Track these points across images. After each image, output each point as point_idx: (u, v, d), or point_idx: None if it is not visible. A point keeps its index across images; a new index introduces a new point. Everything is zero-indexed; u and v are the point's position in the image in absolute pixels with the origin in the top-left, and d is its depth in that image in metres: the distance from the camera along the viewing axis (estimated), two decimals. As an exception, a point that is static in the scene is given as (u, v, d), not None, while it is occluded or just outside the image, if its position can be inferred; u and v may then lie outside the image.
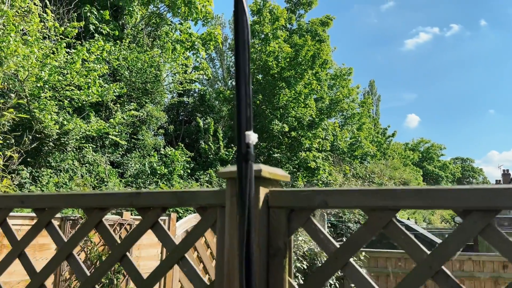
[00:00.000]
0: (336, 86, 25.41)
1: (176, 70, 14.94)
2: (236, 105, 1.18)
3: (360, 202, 1.32)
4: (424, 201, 1.21)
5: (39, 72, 8.51)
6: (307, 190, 1.40)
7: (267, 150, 18.84)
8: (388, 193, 1.27)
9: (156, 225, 1.60)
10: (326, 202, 1.36)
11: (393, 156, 33.96)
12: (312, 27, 22.15)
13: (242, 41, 1.18)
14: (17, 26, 8.51)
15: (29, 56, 8.17)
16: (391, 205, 1.26)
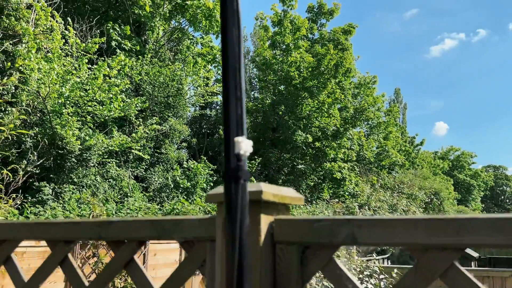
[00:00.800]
0: (361, 95, 24.92)
1: (198, 83, 14.91)
2: (223, 103, 0.84)
3: (407, 238, 0.95)
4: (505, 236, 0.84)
5: (60, 88, 8.55)
6: (328, 219, 1.03)
7: (291, 162, 18.49)
8: (450, 224, 0.90)
9: (130, 264, 1.28)
10: (355, 236, 0.99)
11: (422, 165, 32.89)
12: (334, 36, 21.84)
13: (231, 11, 0.87)
14: (38, 43, 8.61)
15: (50, 72, 8.22)
16: (454, 242, 0.89)
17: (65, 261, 1.44)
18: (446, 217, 0.92)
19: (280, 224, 1.09)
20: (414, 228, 0.94)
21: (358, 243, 0.99)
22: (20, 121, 10.70)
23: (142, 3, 14.89)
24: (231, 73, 0.83)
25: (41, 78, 8.30)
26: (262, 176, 17.66)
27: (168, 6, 16.92)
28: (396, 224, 0.96)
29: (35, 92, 8.72)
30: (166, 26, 17.38)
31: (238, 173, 0.79)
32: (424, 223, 0.93)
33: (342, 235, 1.00)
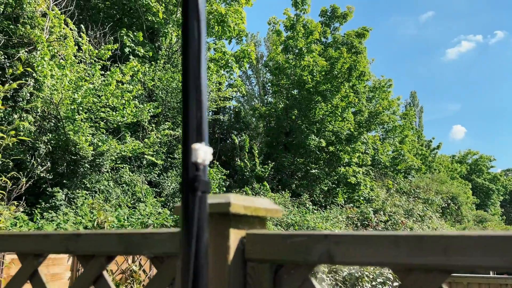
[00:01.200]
0: (376, 99, 24.63)
1: (210, 88, 14.93)
2: (183, 106, 0.76)
3: (388, 257, 0.84)
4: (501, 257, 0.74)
5: (73, 94, 8.64)
6: (304, 234, 0.93)
7: (304, 166, 18.34)
8: (435, 242, 0.79)
9: (100, 280, 1.21)
10: (331, 254, 0.89)
11: (439, 169, 32.27)
12: (348, 39, 21.66)
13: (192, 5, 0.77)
14: (51, 50, 8.73)
15: (62, 79, 8.32)
16: (441, 263, 0.79)
17: (35, 276, 1.37)
18: (431, 234, 0.82)
19: (252, 239, 0.99)
20: (396, 246, 0.83)
21: (335, 262, 0.89)
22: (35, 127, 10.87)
23: (155, 10, 15.04)
24: (191, 74, 0.75)
25: (54, 85, 8.41)
26: (275, 181, 17.55)
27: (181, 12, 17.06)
28: (375, 241, 0.85)
29: (48, 98, 8.84)
30: (179, 32, 17.50)
31: (195, 184, 0.71)
32: (407, 241, 0.83)
33: (317, 253, 0.90)
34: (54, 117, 10.23)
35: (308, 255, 0.92)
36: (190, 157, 0.70)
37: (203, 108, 0.75)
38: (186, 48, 0.75)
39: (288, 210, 13.96)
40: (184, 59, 0.75)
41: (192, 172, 0.70)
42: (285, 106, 19.62)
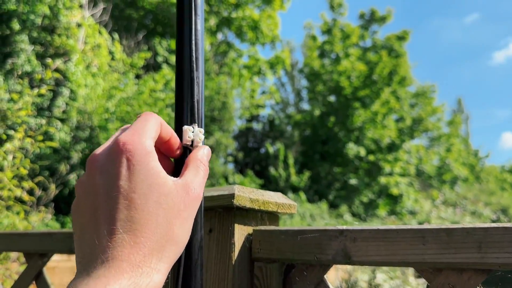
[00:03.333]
0: (419, 105, 23.48)
1: (244, 95, 14.63)
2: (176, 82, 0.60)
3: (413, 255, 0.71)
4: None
5: (106, 103, 8.53)
6: (316, 229, 0.80)
7: (343, 176, 17.57)
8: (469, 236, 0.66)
9: None
10: (347, 253, 0.77)
11: (488, 179, 30.36)
12: (388, 42, 20.78)
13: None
14: (85, 60, 8.68)
15: (96, 88, 8.22)
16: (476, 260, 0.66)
17: (40, 277, 1.37)
18: (464, 227, 0.68)
19: (259, 236, 0.89)
20: (422, 243, 0.71)
21: (352, 262, 0.76)
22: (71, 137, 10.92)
23: (189, 18, 14.99)
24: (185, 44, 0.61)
25: (88, 94, 8.33)
26: (311, 191, 16.90)
27: (214, 20, 16.94)
28: (398, 236, 0.73)
29: (82, 107, 8.78)
30: (213, 40, 17.39)
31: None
32: (435, 235, 0.70)
33: (332, 251, 0.79)
34: (89, 126, 10.22)
35: (322, 253, 0.81)
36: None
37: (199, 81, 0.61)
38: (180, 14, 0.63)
39: (325, 221, 13.33)
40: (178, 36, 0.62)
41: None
42: (321, 113, 18.98)
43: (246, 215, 0.90)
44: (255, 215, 0.92)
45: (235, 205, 0.85)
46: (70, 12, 11.84)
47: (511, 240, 0.64)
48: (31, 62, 10.95)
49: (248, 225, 0.91)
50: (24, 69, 10.90)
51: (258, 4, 16.84)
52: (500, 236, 0.65)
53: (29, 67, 10.91)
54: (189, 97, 0.58)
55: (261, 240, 0.88)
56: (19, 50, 11.01)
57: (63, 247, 1.25)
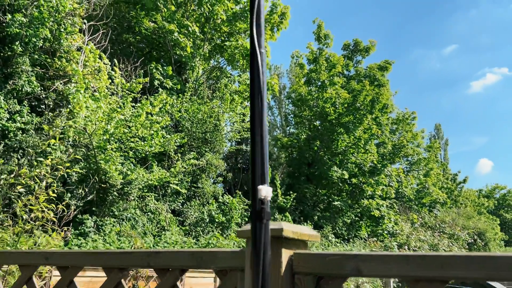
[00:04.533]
0: (399, 131, 24.50)
1: (235, 119, 15.26)
2: (251, 158, 1.09)
3: (402, 271, 1.15)
4: (480, 271, 1.05)
5: (106, 125, 9.02)
6: (337, 254, 1.24)
7: (327, 198, 18.21)
8: (434, 260, 1.10)
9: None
10: (359, 269, 1.20)
11: (465, 203, 31.38)
12: (370, 72, 21.87)
13: (257, 87, 1.07)
14: (87, 83, 9.20)
15: (97, 110, 8.73)
16: (439, 275, 1.09)
17: (119, 287, 1.66)
18: (432, 254, 1.12)
19: (298, 257, 1.30)
20: (407, 263, 1.13)
21: (363, 275, 1.19)
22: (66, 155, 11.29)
23: (184, 45, 15.65)
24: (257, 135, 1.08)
25: (88, 116, 8.81)
26: (297, 212, 17.45)
27: (208, 47, 17.68)
28: (392, 259, 1.17)
29: (82, 129, 9.24)
30: (206, 65, 18.09)
31: (262, 215, 1.01)
32: (414, 259, 1.13)
33: (349, 268, 1.20)
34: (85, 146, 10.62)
35: (342, 269, 1.21)
36: (257, 195, 1.01)
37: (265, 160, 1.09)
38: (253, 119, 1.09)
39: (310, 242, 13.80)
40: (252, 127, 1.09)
41: (259, 206, 1.01)
42: (308, 137, 19.73)
43: (289, 242, 1.30)
44: (295, 242, 1.33)
45: (283, 236, 1.24)
46: (71, 36, 12.40)
47: (461, 263, 1.05)
48: (31, 83, 11.32)
49: (290, 249, 1.30)
50: (24, 89, 11.28)
51: (249, 33, 17.69)
52: (454, 260, 1.07)
53: (29, 88, 11.28)
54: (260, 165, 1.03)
55: (300, 259, 1.29)
56: (20, 71, 11.41)
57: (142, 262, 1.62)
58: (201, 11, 16.69)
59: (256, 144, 1.07)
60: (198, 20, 17.21)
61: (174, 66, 16.81)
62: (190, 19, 16.88)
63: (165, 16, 16.09)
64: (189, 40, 16.21)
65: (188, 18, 17.01)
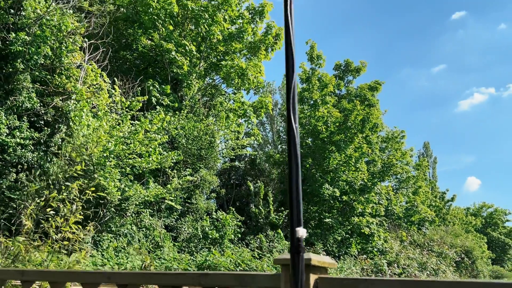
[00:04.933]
0: (389, 149, 25.02)
1: (229, 136, 15.58)
2: (289, 204, 1.51)
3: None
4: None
5: (106, 143, 9.28)
6: (351, 279, 1.68)
7: (318, 215, 18.51)
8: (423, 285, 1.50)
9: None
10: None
11: (453, 222, 31.89)
12: (361, 92, 22.47)
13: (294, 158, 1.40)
14: (88, 102, 9.47)
15: (98, 129, 8.99)
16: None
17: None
18: (422, 280, 1.52)
19: (322, 280, 1.74)
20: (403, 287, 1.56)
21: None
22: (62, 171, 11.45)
23: (181, 63, 16.02)
24: (293, 186, 1.50)
25: (89, 134, 9.07)
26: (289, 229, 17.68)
27: (203, 65, 18.09)
28: (393, 283, 1.62)
29: (83, 146, 9.48)
30: (201, 83, 18.47)
31: (299, 249, 1.48)
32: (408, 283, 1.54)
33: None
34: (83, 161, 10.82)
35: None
36: (295, 235, 1.49)
37: (300, 207, 1.50)
38: (291, 171, 1.49)
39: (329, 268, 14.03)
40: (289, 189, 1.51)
41: (297, 242, 1.48)
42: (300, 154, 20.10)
43: (315, 269, 1.74)
44: (319, 269, 1.77)
45: (311, 264, 1.68)
46: (71, 54, 12.69)
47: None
48: (31, 100, 11.50)
49: (316, 274, 1.75)
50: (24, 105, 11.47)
51: (245, 53, 18.18)
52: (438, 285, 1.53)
53: (29, 104, 11.46)
54: (297, 211, 1.47)
55: (323, 282, 1.74)
56: (21, 87, 11.61)
57: (195, 282, 1.98)
58: (198, 31, 17.13)
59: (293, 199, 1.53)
60: (195, 39, 17.64)
61: (170, 83, 17.16)
62: (187, 38, 17.30)
63: (163, 35, 16.49)
64: (186, 59, 16.61)
65: (185, 37, 17.43)
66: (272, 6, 18.86)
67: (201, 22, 16.89)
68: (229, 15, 17.66)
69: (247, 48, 18.40)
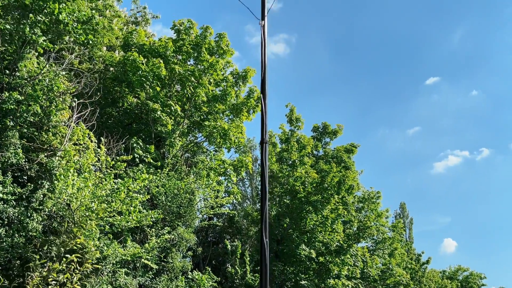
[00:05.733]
0: (365, 209, 25.63)
1: (209, 195, 15.93)
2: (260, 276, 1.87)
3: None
4: None
5: (90, 203, 9.54)
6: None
7: (294, 276, 18.55)
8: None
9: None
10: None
11: (429, 285, 32.01)
12: (338, 154, 23.42)
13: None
14: (76, 163, 9.84)
15: (83, 189, 9.30)
16: None
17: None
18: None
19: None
20: None
21: None
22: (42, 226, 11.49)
23: (165, 122, 16.64)
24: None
25: (74, 193, 9.35)
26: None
27: (187, 122, 18.77)
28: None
29: (65, 204, 9.70)
30: (184, 140, 19.03)
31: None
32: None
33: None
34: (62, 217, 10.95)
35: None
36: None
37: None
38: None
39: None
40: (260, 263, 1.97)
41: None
42: (277, 213, 20.46)
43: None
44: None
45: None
46: (60, 112, 13.17)
47: None
48: (17, 155, 11.74)
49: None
50: (10, 161, 11.71)
51: (228, 114, 19.04)
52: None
53: (14, 159, 11.70)
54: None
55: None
56: (8, 143, 11.89)
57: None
58: (184, 93, 17.98)
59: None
60: (180, 99, 18.45)
61: (154, 140, 17.66)
62: (172, 98, 18.09)
63: (149, 94, 17.24)
64: (171, 118, 17.27)
65: (171, 97, 18.21)
66: (255, 72, 20.05)
67: (187, 84, 17.79)
68: (214, 78, 18.68)
69: (230, 109, 19.28)
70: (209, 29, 18.80)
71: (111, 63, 17.67)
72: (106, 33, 17.13)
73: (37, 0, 12.07)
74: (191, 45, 18.48)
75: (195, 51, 18.48)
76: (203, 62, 18.33)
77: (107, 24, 17.70)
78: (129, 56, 16.39)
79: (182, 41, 18.59)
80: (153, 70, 16.76)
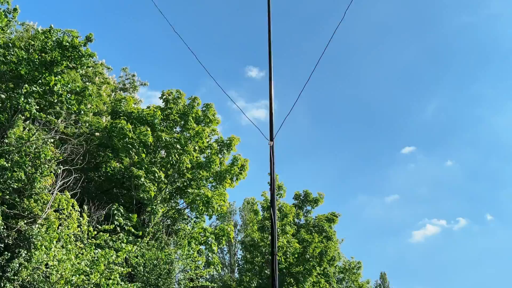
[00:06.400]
0: (346, 280, 25.28)
1: (189, 266, 15.58)
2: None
3: None
4: None
5: (71, 276, 9.28)
6: None
7: None
8: None
9: None
10: None
11: None
12: (319, 222, 23.51)
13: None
14: (59, 233, 9.70)
15: (65, 261, 9.09)
16: None
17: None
18: None
19: None
20: None
21: None
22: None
23: (148, 189, 16.62)
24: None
25: (54, 265, 9.11)
26: None
27: (170, 188, 18.74)
28: None
29: (43, 276, 9.41)
30: (165, 207, 18.87)
31: None
32: None
33: None
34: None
35: None
36: None
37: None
38: None
39: None
40: None
41: None
42: (258, 285, 19.98)
43: None
44: None
45: None
46: (44, 179, 13.09)
47: None
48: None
49: None
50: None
51: (211, 181, 19.20)
52: None
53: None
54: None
55: None
56: (-12, 210, 11.62)
57: None
58: (169, 159, 18.18)
59: None
60: (164, 165, 18.59)
61: (135, 206, 17.49)
62: (156, 165, 18.22)
63: (134, 160, 17.36)
64: (154, 185, 17.28)
65: (155, 163, 18.35)
66: (239, 140, 20.60)
67: (173, 151, 18.05)
68: (199, 145, 19.05)
69: (213, 176, 19.45)
70: (197, 99, 19.54)
71: (97, 128, 17.91)
72: (94, 100, 17.52)
73: (32, 71, 12.51)
74: (179, 114, 19.04)
75: (182, 120, 19.00)
76: (189, 130, 18.79)
77: (96, 90, 18.20)
78: (117, 124, 16.70)
79: (169, 110, 19.16)
80: (140, 138, 17.05)
